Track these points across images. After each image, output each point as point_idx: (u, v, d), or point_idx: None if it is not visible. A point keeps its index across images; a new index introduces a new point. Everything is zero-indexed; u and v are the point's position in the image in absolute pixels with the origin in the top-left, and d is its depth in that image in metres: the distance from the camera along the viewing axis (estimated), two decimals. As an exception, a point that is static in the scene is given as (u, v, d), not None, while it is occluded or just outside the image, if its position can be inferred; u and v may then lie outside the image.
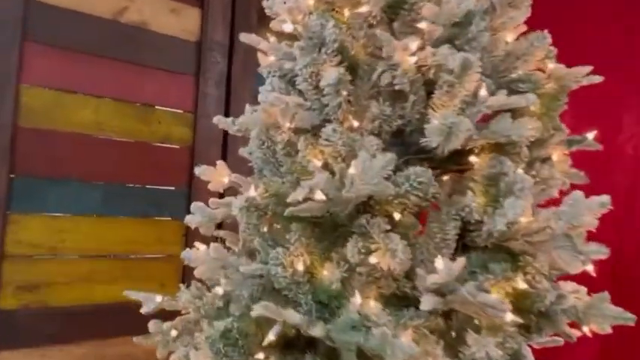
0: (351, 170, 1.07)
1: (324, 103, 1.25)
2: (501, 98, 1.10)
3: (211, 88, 2.06)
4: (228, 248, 1.39)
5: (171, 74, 1.98)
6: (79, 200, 1.78)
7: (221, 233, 1.45)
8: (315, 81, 1.27)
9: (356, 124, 1.27)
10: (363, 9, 1.21)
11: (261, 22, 2.23)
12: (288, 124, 1.25)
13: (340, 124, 1.26)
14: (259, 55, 1.44)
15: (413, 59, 1.16)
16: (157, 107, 1.96)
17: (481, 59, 1.21)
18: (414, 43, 1.13)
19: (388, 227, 1.11)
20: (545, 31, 1.28)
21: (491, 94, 1.18)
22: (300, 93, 1.34)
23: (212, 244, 1.26)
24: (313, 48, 1.27)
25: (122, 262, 1.85)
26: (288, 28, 1.29)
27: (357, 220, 1.15)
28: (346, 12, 1.35)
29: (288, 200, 1.07)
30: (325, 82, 1.21)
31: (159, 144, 1.97)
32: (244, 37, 1.34)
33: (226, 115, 2.13)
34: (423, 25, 1.13)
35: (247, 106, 1.45)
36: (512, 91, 1.27)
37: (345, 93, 1.22)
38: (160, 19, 1.95)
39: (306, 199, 1.08)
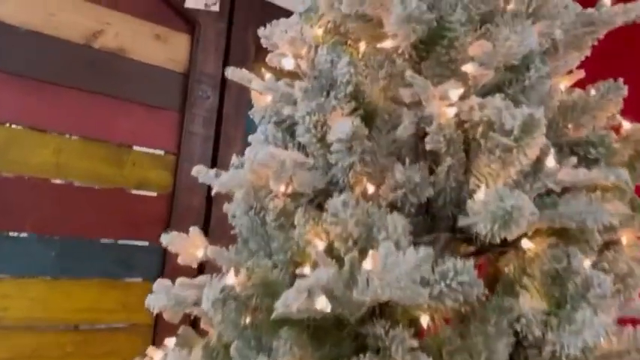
0: (367, 265, 0.76)
1: (331, 162, 0.95)
2: (578, 173, 0.80)
3: (198, 127, 1.78)
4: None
5: (151, 109, 1.70)
6: (29, 259, 1.47)
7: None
8: (321, 132, 0.98)
9: (371, 189, 0.98)
10: (387, 43, 0.92)
11: (260, 53, 1.96)
12: (283, 189, 0.96)
13: (351, 189, 0.97)
14: (253, 94, 1.15)
15: (452, 111, 0.87)
16: (132, 147, 1.67)
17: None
18: (455, 91, 0.84)
19: (415, 344, 0.80)
20: (620, 80, 0.99)
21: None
22: (301, 147, 1.04)
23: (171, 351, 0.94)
24: (320, 90, 0.98)
25: (77, 334, 1.52)
26: (288, 64, 1.00)
27: (371, 325, 0.85)
28: (363, 46, 1.07)
29: (277, 306, 0.76)
30: (334, 136, 0.91)
31: (132, 191, 1.67)
32: (232, 73, 1.05)
33: (214, 159, 1.85)
34: (469, 67, 0.84)
35: (234, 158, 1.16)
36: (575, 155, 0.98)
37: (359, 150, 0.92)
38: (142, 46, 1.67)
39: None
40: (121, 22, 1.63)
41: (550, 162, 0.81)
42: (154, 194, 1.72)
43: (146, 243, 1.69)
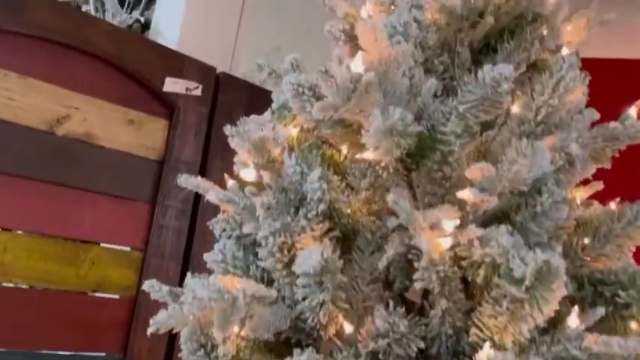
0: None
1: (297, 297, 0.77)
2: (612, 343, 0.61)
3: (170, 219, 1.61)
4: None
5: (118, 201, 1.53)
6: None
7: None
8: (287, 257, 0.81)
9: (349, 328, 0.79)
10: (368, 155, 0.76)
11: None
12: (236, 330, 0.77)
13: (324, 329, 0.78)
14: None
15: (447, 242, 0.69)
16: (92, 244, 1.49)
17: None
18: (450, 222, 0.67)
19: None
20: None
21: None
22: (265, 272, 0.87)
23: None
24: (287, 207, 0.82)
25: None
26: (249, 175, 0.84)
27: None
28: (345, 149, 0.91)
29: None
30: (300, 269, 0.73)
31: (90, 293, 1.48)
32: (185, 181, 0.89)
33: (187, 255, 1.67)
34: (466, 194, 0.68)
35: (188, 276, 0.97)
36: (599, 296, 0.79)
37: (331, 286, 0.74)
38: (112, 132, 1.54)
39: None
40: (90, 107, 1.50)
41: (573, 321, 0.63)
42: (116, 297, 1.52)
43: (102, 353, 1.48)
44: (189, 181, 0.89)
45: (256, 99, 1.87)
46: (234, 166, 0.92)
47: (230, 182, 0.91)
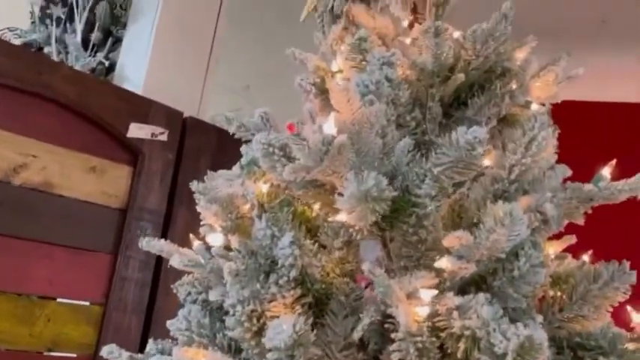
0: None
1: (267, 370, 0.72)
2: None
3: (133, 271, 1.54)
4: None
5: (76, 253, 1.46)
6: None
7: None
8: (256, 326, 0.76)
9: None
10: (342, 217, 0.73)
11: (213, 184, 1.77)
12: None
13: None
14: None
15: (424, 311, 0.66)
16: (48, 299, 1.40)
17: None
18: (427, 292, 0.64)
19: None
20: (627, 264, 0.81)
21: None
22: (232, 341, 0.82)
23: None
24: (256, 273, 0.77)
25: None
26: (216, 240, 0.80)
27: None
28: (317, 207, 0.88)
29: None
30: (271, 343, 0.69)
31: (45, 353, 1.38)
32: (147, 245, 0.84)
33: (150, 309, 1.59)
34: (444, 263, 0.65)
35: (150, 343, 0.91)
36: None
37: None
38: (73, 180, 1.47)
39: None
40: (50, 155, 1.44)
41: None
42: (73, 355, 1.43)
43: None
44: (152, 245, 0.84)
45: (225, 143, 1.83)
46: (200, 228, 0.87)
47: (196, 243, 0.86)
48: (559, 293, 0.84)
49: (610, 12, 2.43)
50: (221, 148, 1.83)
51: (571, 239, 0.99)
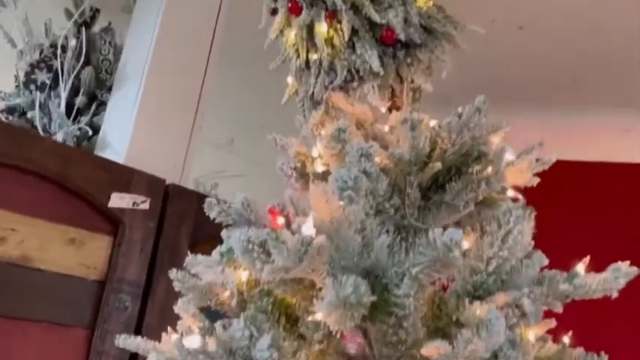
0: None
1: None
2: None
3: (110, 345, 1.50)
4: None
5: (53, 328, 1.42)
6: None
7: None
8: None
9: None
10: (319, 316, 0.73)
11: (193, 252, 1.76)
12: None
13: None
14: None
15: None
16: (21, 378, 1.36)
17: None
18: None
19: None
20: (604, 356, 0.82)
21: None
22: None
23: None
24: (234, 374, 0.76)
25: None
26: (194, 342, 0.78)
27: None
28: (297, 299, 0.88)
29: None
30: None
31: None
32: (124, 342, 0.83)
33: (126, 387, 1.54)
34: (423, 372, 0.65)
35: None
36: None
37: None
38: (51, 253, 1.45)
39: None
40: (29, 227, 1.42)
41: None
42: None
43: None
44: (128, 343, 0.83)
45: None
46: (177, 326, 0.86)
47: (173, 338, 0.85)
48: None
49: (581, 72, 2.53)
50: (202, 214, 1.83)
51: (551, 323, 0.99)
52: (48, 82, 2.08)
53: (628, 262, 0.84)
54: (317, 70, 1.06)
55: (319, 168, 1.02)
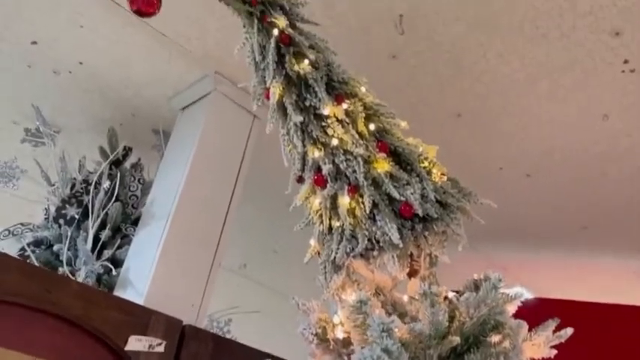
0: None
1: None
2: None
3: None
4: None
5: None
6: None
7: None
8: None
9: None
10: None
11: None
12: None
13: None
14: None
15: None
16: None
17: None
18: None
19: None
20: None
21: None
22: None
23: None
24: None
25: None
26: None
27: None
28: None
29: None
30: None
31: None
32: None
33: None
34: None
35: None
36: None
37: None
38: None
39: None
40: None
41: None
42: None
43: None
44: None
45: (221, 350, 1.83)
46: None
47: None
48: None
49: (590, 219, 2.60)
50: (216, 355, 1.82)
51: None
52: (77, 216, 2.18)
53: None
54: (339, 237, 1.13)
55: (340, 334, 1.05)
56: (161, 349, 1.66)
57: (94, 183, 2.16)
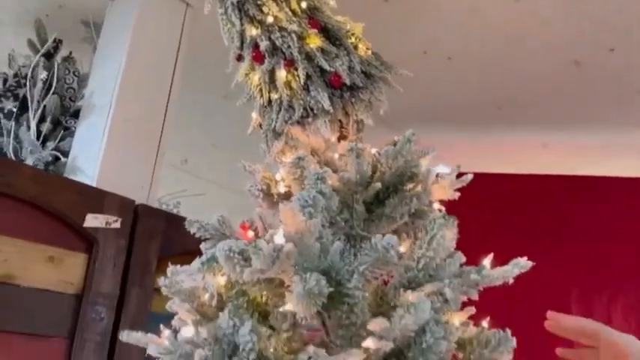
0: None
1: None
2: None
3: (88, 353, 1.63)
4: None
5: (34, 339, 1.55)
6: None
7: None
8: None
9: None
10: (289, 307, 0.93)
11: (162, 264, 1.92)
12: None
13: None
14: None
15: (356, 382, 0.86)
16: (6, 387, 1.48)
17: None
18: (358, 363, 0.85)
19: None
20: (509, 332, 1.06)
21: None
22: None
23: None
24: (222, 356, 0.95)
25: None
26: (188, 332, 0.97)
27: None
28: (267, 296, 1.08)
29: None
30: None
31: None
32: (128, 336, 1.00)
33: (105, 389, 1.68)
34: (370, 343, 0.86)
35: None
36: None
37: None
38: (32, 271, 1.58)
39: None
40: (11, 248, 1.55)
41: None
42: None
43: None
44: (132, 336, 1.00)
45: (172, 226, 2.00)
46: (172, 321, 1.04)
47: (166, 332, 1.02)
48: (462, 356, 1.07)
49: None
50: (170, 231, 1.99)
51: (472, 310, 1.23)
52: (14, 110, 2.19)
53: (525, 257, 1.10)
54: (278, 107, 1.27)
55: (282, 189, 1.22)
56: (117, 225, 1.81)
57: (28, 76, 2.15)
